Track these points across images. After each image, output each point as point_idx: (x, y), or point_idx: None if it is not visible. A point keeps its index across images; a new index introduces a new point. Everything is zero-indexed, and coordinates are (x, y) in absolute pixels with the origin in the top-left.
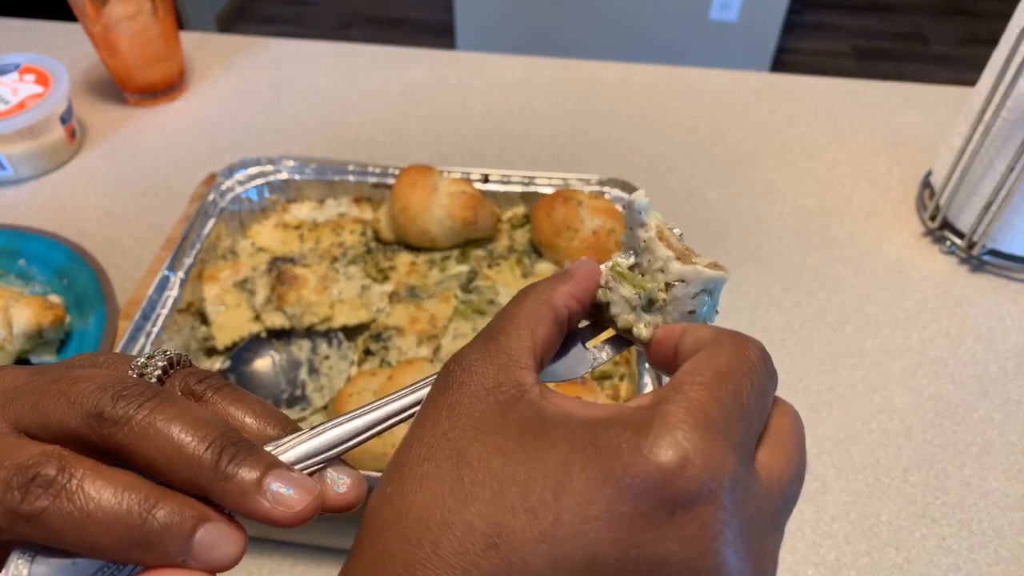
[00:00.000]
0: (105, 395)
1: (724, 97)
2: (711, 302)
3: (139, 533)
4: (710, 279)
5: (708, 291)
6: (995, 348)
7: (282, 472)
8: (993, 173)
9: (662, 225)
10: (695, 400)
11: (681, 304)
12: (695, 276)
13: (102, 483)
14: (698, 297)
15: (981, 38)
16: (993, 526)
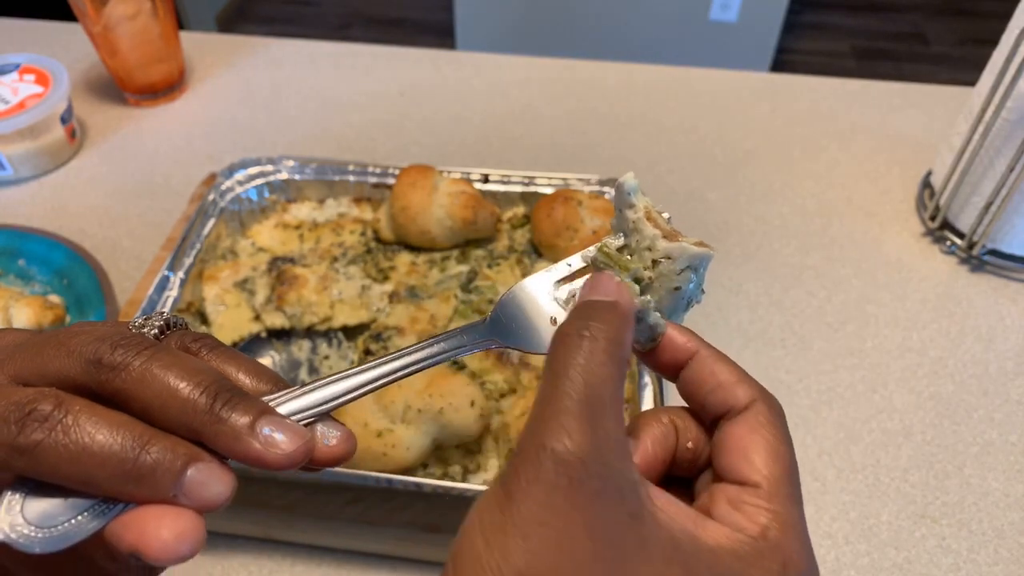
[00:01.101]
0: (103, 344)
1: (724, 97)
2: (697, 280)
3: (132, 467)
4: (696, 255)
5: (694, 268)
6: (995, 348)
7: (274, 418)
8: (993, 173)
9: (650, 207)
10: (794, 521)
11: (668, 281)
12: (680, 252)
13: (97, 419)
14: (684, 273)
15: (981, 38)
16: (993, 526)
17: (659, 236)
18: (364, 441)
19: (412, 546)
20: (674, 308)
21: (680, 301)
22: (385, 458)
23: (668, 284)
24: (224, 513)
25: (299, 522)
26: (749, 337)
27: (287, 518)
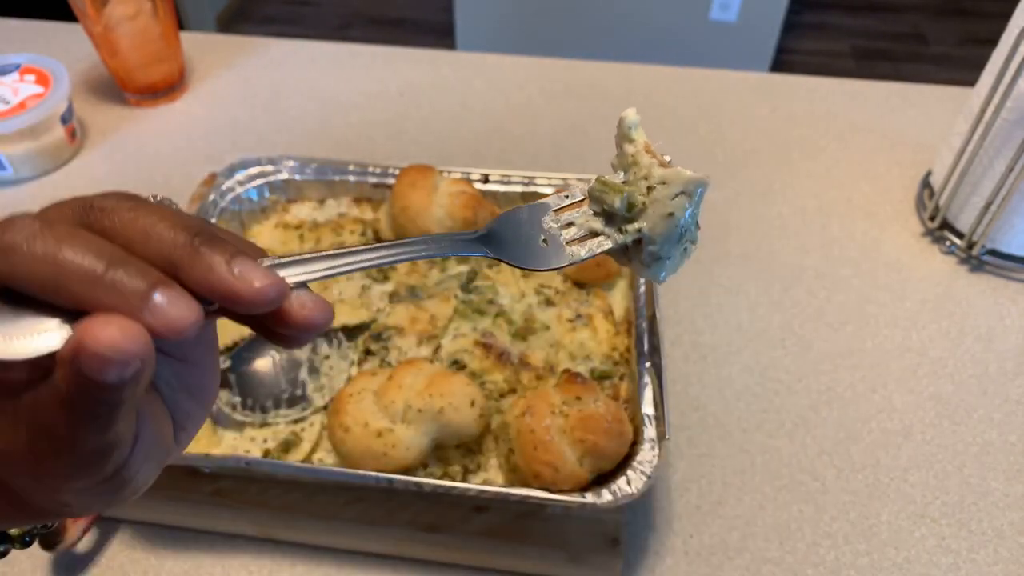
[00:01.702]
0: (97, 197)
1: (724, 97)
2: (692, 209)
3: (102, 276)
4: (690, 180)
5: (688, 194)
6: (994, 348)
7: (250, 261)
8: (992, 173)
9: (648, 143)
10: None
11: (661, 206)
12: (675, 177)
13: (76, 235)
14: (678, 199)
15: (980, 38)
16: (992, 526)
17: (655, 164)
18: (364, 441)
19: (412, 546)
20: (667, 236)
21: (674, 230)
22: (385, 458)
23: (662, 209)
24: (225, 513)
25: (299, 522)
26: (749, 337)
27: (287, 518)
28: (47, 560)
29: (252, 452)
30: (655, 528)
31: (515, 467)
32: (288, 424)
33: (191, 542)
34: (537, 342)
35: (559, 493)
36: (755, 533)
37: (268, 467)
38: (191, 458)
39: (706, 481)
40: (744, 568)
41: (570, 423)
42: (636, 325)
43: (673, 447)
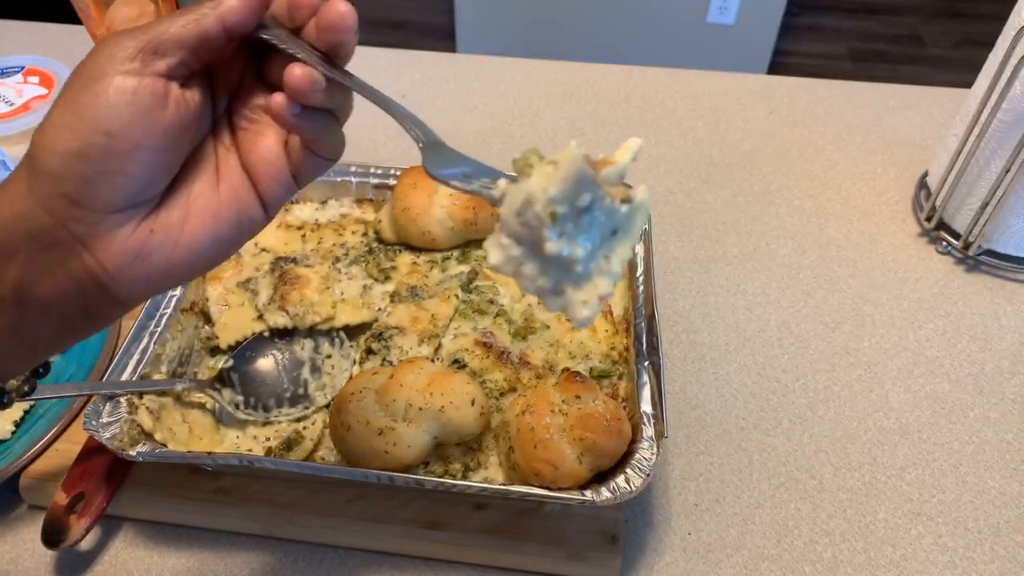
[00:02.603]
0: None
1: (722, 99)
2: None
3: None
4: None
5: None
6: (991, 347)
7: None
8: (989, 174)
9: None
10: None
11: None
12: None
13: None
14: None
15: (977, 40)
16: (989, 524)
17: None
18: (366, 439)
19: (413, 543)
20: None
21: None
22: (387, 456)
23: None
24: (228, 511)
25: (301, 519)
26: (746, 336)
27: (290, 516)
28: (51, 558)
29: (255, 450)
30: (654, 525)
31: (515, 465)
32: (290, 423)
33: (194, 540)
34: (537, 341)
35: (559, 491)
36: (753, 530)
37: (270, 465)
38: (194, 456)
39: (704, 479)
40: (742, 565)
41: (570, 421)
42: (635, 324)
43: (671, 445)
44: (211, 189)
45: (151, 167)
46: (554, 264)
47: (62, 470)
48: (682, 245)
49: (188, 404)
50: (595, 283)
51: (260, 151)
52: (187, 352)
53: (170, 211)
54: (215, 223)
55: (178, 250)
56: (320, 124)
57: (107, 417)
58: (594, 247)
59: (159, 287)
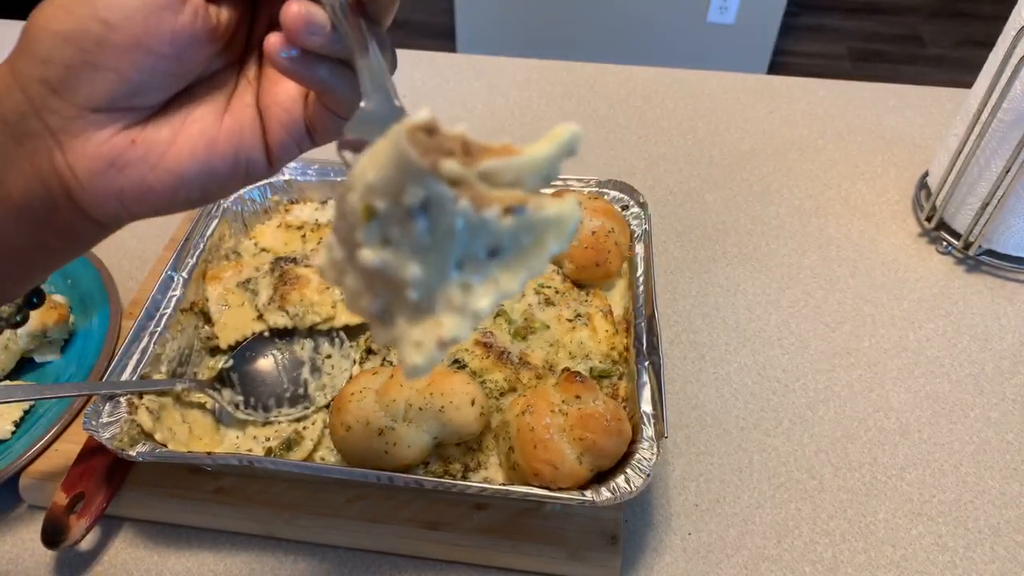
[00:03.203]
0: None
1: (722, 99)
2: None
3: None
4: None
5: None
6: (991, 347)
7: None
8: (989, 174)
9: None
10: None
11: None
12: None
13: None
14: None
15: (977, 40)
16: (989, 524)
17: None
18: (366, 439)
19: (413, 543)
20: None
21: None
22: (386, 456)
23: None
24: (227, 511)
25: (301, 520)
26: (746, 337)
27: (289, 516)
28: (50, 558)
29: (254, 450)
30: (654, 526)
31: (515, 465)
32: (290, 423)
33: (194, 540)
34: (537, 341)
35: (559, 491)
36: (753, 531)
37: (270, 465)
38: (194, 456)
39: (704, 479)
40: (742, 565)
41: (570, 422)
42: (635, 324)
43: (671, 445)
44: (213, 117)
45: (147, 72)
46: (380, 281)
47: (62, 470)
48: (682, 245)
49: (188, 404)
50: (439, 320)
51: (277, 94)
52: (187, 352)
53: (159, 127)
54: (207, 154)
55: (157, 171)
56: (329, 75)
57: (107, 417)
58: (438, 270)
59: (132, 209)
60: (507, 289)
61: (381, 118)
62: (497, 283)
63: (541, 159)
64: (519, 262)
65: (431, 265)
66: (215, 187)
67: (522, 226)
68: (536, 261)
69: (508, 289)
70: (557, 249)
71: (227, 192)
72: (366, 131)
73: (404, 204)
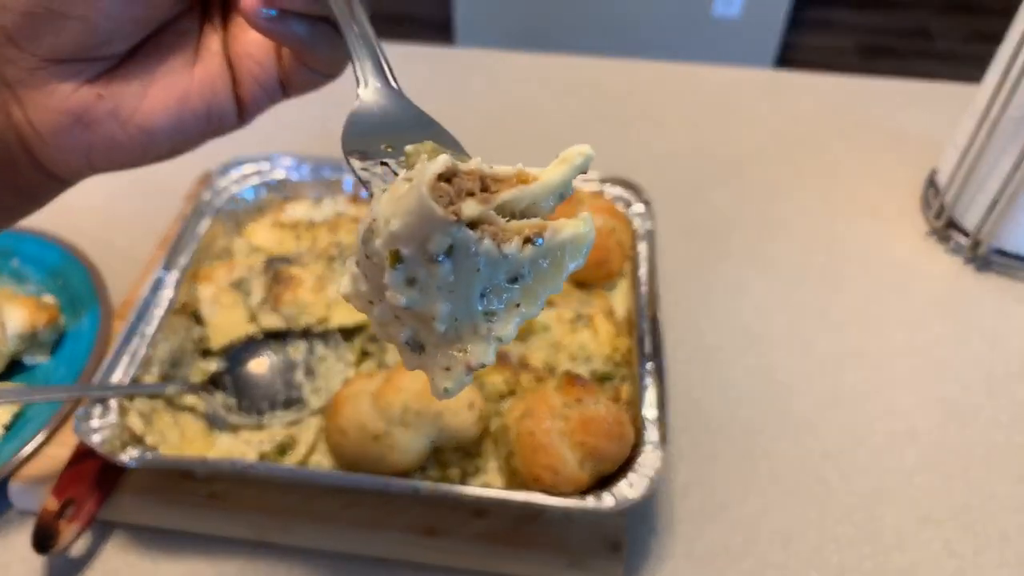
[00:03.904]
0: None
1: (727, 94)
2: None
3: None
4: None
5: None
6: (1001, 349)
7: None
8: (999, 171)
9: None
10: None
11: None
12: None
13: None
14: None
15: (986, 35)
16: (998, 529)
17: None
18: (361, 444)
19: (410, 550)
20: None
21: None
22: (383, 461)
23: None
24: (220, 516)
25: (296, 525)
26: (752, 338)
27: (284, 521)
28: (41, 564)
29: (248, 455)
30: (657, 532)
31: (515, 470)
32: (284, 426)
33: (187, 546)
34: (537, 343)
35: (559, 496)
36: (759, 537)
37: (264, 470)
38: (186, 461)
39: (709, 484)
40: (748, 572)
41: (571, 426)
42: (638, 326)
43: (675, 450)
44: (184, 67)
45: (114, 17)
46: (408, 315)
47: (52, 474)
48: (687, 244)
49: (180, 407)
50: (466, 348)
51: (248, 44)
52: (179, 354)
53: (128, 80)
54: (178, 107)
55: (128, 127)
56: (308, 33)
57: (97, 421)
58: (464, 303)
59: (97, 165)
60: (529, 312)
61: (383, 116)
62: (519, 307)
63: (555, 184)
64: (539, 284)
65: (457, 300)
66: (184, 141)
67: (541, 253)
68: (555, 281)
69: (530, 312)
70: (574, 267)
71: (195, 146)
72: (368, 135)
73: (429, 251)
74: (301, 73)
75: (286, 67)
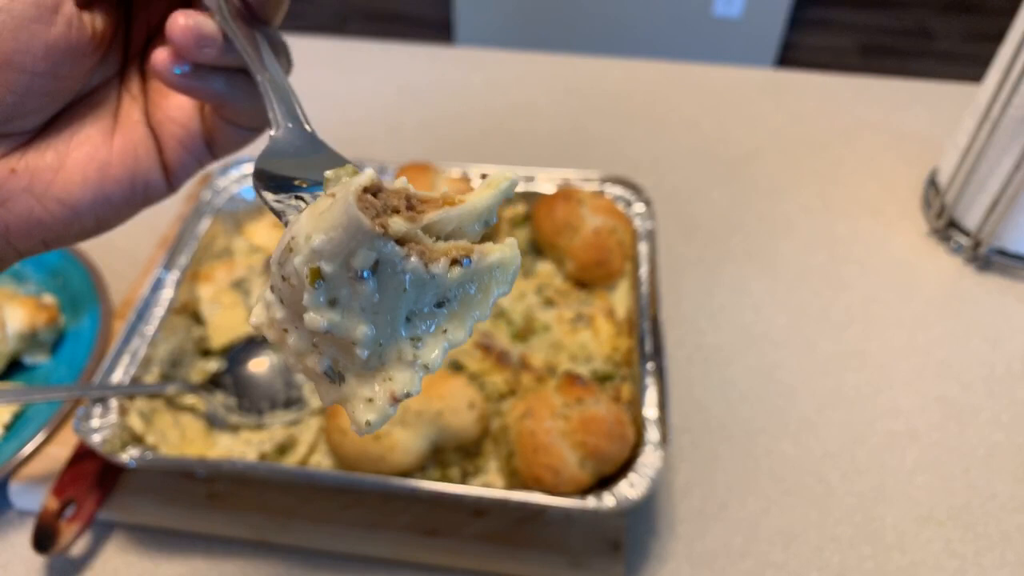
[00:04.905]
0: None
1: (728, 94)
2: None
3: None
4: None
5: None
6: (1002, 349)
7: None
8: (1000, 171)
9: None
10: None
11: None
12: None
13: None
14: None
15: (987, 34)
16: (999, 529)
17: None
18: (361, 444)
19: (411, 550)
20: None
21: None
22: (383, 461)
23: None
24: (220, 517)
25: (296, 526)
26: (753, 337)
27: (284, 522)
28: (41, 564)
29: (248, 455)
30: (657, 532)
31: (515, 470)
32: (284, 426)
33: (186, 546)
34: (538, 343)
35: (559, 496)
36: (759, 537)
37: (264, 470)
38: (186, 461)
39: (709, 484)
40: (748, 572)
41: (571, 426)
42: (638, 326)
43: (676, 450)
44: (102, 137)
45: (22, 92)
46: (327, 341)
47: (52, 474)
48: (687, 244)
49: (180, 407)
50: (389, 375)
51: (169, 108)
52: (179, 354)
53: (42, 152)
54: (99, 178)
55: (46, 201)
56: (224, 86)
57: (98, 420)
58: (388, 327)
59: (19, 246)
60: (455, 339)
61: (295, 151)
62: (446, 333)
63: (481, 208)
64: (465, 310)
65: (381, 323)
66: (111, 214)
67: (468, 276)
68: (482, 307)
69: (456, 339)
70: (499, 294)
71: (123, 219)
72: (280, 168)
73: (354, 267)
74: (226, 130)
75: (210, 126)
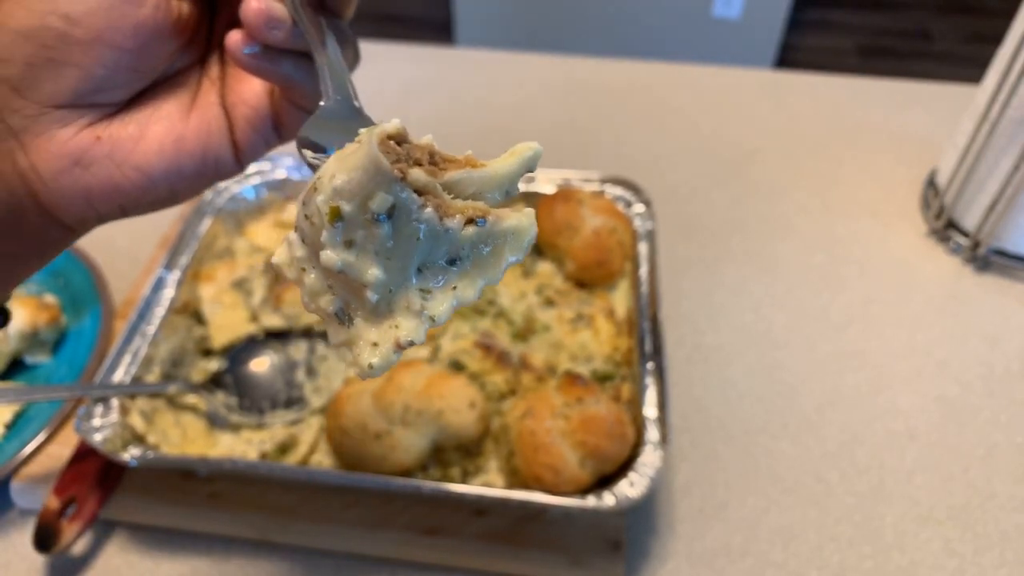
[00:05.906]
0: None
1: (727, 94)
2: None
3: None
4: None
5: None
6: (1001, 349)
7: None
8: (998, 172)
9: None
10: None
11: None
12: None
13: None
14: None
15: (986, 36)
16: (998, 529)
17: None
18: (363, 443)
19: (411, 549)
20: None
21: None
22: (384, 460)
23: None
24: (222, 516)
25: (297, 525)
26: (753, 338)
27: (285, 521)
28: (42, 563)
29: (248, 454)
30: (657, 531)
31: (515, 470)
32: (285, 426)
33: (188, 545)
34: (538, 343)
35: (560, 496)
36: (759, 536)
37: (265, 470)
38: (187, 460)
39: (709, 484)
40: (747, 572)
41: (571, 425)
42: (638, 325)
43: (676, 450)
44: (180, 114)
45: (111, 67)
46: (340, 282)
47: (54, 473)
48: (687, 244)
49: (181, 407)
50: (396, 323)
51: (242, 91)
52: (180, 353)
53: (125, 123)
54: (175, 151)
55: (125, 168)
56: (291, 68)
57: (99, 420)
58: (399, 274)
59: (100, 209)
60: (464, 296)
61: (339, 119)
62: (455, 290)
63: (503, 174)
64: (477, 271)
65: (392, 269)
66: (183, 186)
67: (482, 237)
68: (493, 271)
69: (465, 296)
70: (514, 260)
71: (195, 191)
72: (323, 131)
73: (371, 209)
74: (292, 113)
75: (278, 109)
